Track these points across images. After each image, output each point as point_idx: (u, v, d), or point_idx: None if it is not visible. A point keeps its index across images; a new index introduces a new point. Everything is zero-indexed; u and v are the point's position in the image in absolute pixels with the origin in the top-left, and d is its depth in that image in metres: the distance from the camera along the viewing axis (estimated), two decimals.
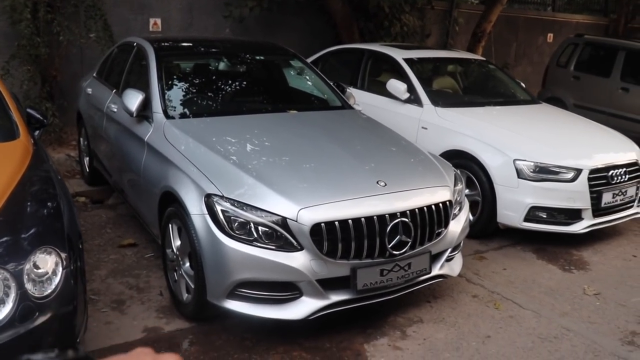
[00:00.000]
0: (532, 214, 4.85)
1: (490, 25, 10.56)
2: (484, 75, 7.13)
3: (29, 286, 2.53)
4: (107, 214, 5.56)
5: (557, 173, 4.80)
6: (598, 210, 4.97)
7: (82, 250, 3.16)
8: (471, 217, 5.15)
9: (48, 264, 2.64)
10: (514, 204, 4.86)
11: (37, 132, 4.05)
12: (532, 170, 4.79)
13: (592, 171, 4.88)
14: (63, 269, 2.67)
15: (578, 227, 4.95)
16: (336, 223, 3.21)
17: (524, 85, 6.85)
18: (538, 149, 4.94)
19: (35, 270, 2.58)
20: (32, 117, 4.09)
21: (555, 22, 13.52)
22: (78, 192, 6.02)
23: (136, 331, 3.53)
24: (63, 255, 2.71)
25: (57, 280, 2.64)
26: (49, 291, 2.59)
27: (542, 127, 5.59)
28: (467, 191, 5.16)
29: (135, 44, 5.28)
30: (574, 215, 4.92)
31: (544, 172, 4.80)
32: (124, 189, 4.87)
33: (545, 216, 4.88)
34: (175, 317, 3.70)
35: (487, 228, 5.11)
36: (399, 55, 6.38)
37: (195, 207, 3.35)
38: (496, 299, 4.11)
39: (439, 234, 3.61)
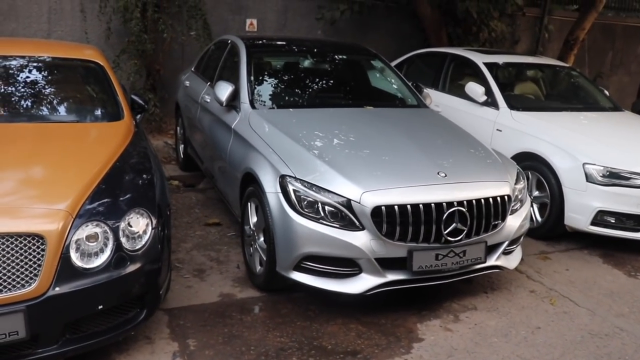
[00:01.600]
0: (600, 218, 4.91)
1: (583, 33, 10.40)
2: (566, 82, 7.14)
3: (123, 240, 2.99)
4: (197, 196, 6.07)
5: (627, 179, 4.84)
6: None
7: (170, 218, 3.61)
8: (539, 219, 5.28)
9: (140, 224, 3.09)
10: (581, 207, 4.94)
11: (139, 116, 4.58)
12: (601, 174, 4.85)
13: None
14: (152, 229, 3.12)
15: None
16: (395, 207, 3.50)
17: (607, 93, 6.81)
18: (609, 154, 4.99)
19: (129, 228, 3.04)
20: (135, 102, 4.62)
21: None
22: (172, 176, 6.57)
23: (212, 295, 3.95)
24: (153, 218, 3.16)
25: (146, 238, 3.09)
26: (139, 246, 3.04)
27: (618, 134, 5.59)
28: (536, 193, 5.30)
29: (229, 41, 5.76)
30: None
31: (613, 177, 4.85)
32: (213, 174, 5.34)
33: (613, 221, 4.92)
34: (248, 287, 4.10)
35: (554, 230, 5.20)
36: (480, 59, 6.55)
37: (270, 186, 3.74)
38: (553, 296, 4.24)
39: (495, 226, 3.81)
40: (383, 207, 3.49)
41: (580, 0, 11.07)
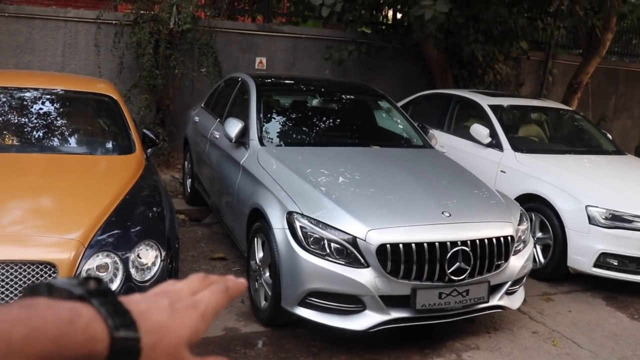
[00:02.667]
0: (603, 260, 4.95)
1: (587, 77, 10.56)
2: (570, 125, 7.25)
3: (132, 271, 3.05)
4: (203, 230, 6.13)
5: (630, 221, 4.90)
6: None
7: (178, 251, 3.67)
8: (542, 260, 5.32)
9: (149, 256, 3.16)
10: (584, 249, 4.98)
11: (149, 150, 4.68)
12: (604, 217, 4.91)
13: None
14: (161, 261, 3.18)
15: None
16: (400, 245, 3.55)
17: (610, 136, 6.91)
18: (612, 196, 5.06)
19: (138, 259, 3.11)
20: (146, 136, 4.73)
21: None
22: (179, 210, 6.62)
23: (217, 329, 3.98)
24: (162, 251, 3.22)
25: (155, 269, 3.15)
26: (148, 277, 3.10)
27: (621, 177, 5.68)
28: (539, 234, 5.34)
29: (240, 79, 5.90)
30: None
31: (616, 220, 4.91)
32: (220, 208, 5.41)
33: (616, 263, 4.96)
34: (252, 321, 4.13)
35: (557, 272, 5.23)
36: (485, 101, 6.67)
37: (277, 222, 3.80)
38: (555, 337, 4.26)
39: (498, 266, 3.86)
40: (388, 245, 3.54)
41: (584, 45, 11.27)
